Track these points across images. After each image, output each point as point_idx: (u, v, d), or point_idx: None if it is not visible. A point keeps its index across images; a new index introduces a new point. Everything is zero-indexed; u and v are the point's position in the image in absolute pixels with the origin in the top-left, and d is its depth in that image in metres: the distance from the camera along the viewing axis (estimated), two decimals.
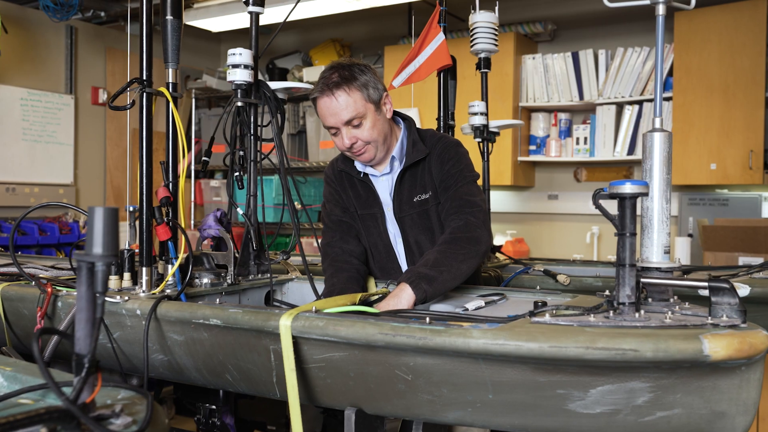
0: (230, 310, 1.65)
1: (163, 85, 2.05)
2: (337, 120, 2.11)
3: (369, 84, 2.12)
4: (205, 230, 2.21)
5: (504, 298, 1.97)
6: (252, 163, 2.34)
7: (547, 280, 2.56)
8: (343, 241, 2.31)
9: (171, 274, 1.99)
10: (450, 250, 1.97)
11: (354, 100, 2.09)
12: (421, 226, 2.23)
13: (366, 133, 2.12)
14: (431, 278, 1.88)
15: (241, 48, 2.22)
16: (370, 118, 2.13)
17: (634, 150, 4.77)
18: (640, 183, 1.42)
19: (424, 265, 1.93)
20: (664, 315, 1.46)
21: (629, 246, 1.43)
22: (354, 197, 2.32)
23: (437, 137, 2.26)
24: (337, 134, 2.15)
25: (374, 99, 2.13)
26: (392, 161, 2.25)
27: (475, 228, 2.04)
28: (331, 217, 2.36)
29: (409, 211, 2.23)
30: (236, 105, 2.26)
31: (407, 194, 2.23)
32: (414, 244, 2.25)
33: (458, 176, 2.16)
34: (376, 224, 2.29)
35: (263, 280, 2.29)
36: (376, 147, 2.17)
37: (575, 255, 5.09)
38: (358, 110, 2.10)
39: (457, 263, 1.94)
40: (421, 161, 2.22)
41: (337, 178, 2.36)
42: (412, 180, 2.23)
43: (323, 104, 2.12)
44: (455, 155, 2.19)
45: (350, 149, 2.16)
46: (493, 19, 3.14)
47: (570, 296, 1.95)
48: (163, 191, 2.01)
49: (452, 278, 1.93)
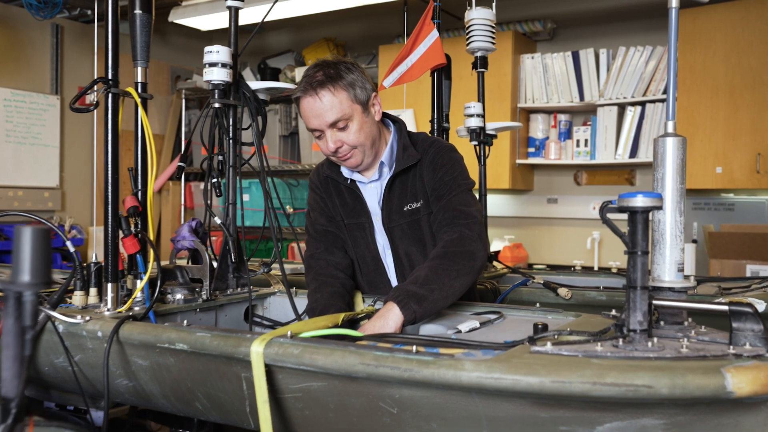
0: (197, 334, 1.50)
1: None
2: (321, 122, 1.95)
3: (356, 83, 1.96)
4: (179, 241, 2.05)
5: (501, 317, 1.81)
6: (231, 168, 2.18)
7: (547, 294, 2.41)
8: (328, 253, 2.15)
9: (139, 290, 1.83)
10: (442, 265, 1.81)
11: (339, 100, 1.93)
12: (412, 237, 2.07)
13: (352, 136, 1.97)
14: (421, 297, 1.72)
15: (218, 45, 2.06)
16: (357, 120, 1.97)
17: (636, 153, 4.61)
18: (653, 195, 1.26)
19: (414, 283, 1.77)
20: (679, 343, 1.31)
21: (641, 266, 1.27)
22: (340, 205, 2.16)
23: (429, 142, 2.10)
24: (321, 137, 1.99)
25: (361, 99, 1.97)
26: (381, 167, 2.09)
27: (470, 241, 1.88)
28: (315, 227, 2.20)
29: (399, 220, 2.07)
30: (213, 106, 2.10)
31: (397, 203, 2.07)
32: (404, 257, 2.09)
33: (452, 184, 2.00)
34: (364, 235, 2.14)
35: (242, 294, 2.14)
36: (364, 151, 2.01)
37: (575, 261, 4.92)
38: (343, 111, 1.93)
39: (449, 280, 1.78)
40: (412, 167, 2.07)
41: (322, 184, 2.20)
42: (402, 187, 2.08)
43: (306, 105, 1.96)
44: (449, 161, 2.04)
45: (335, 153, 2.00)
46: (489, 15, 2.98)
47: (573, 315, 1.79)
48: (130, 200, 1.85)
49: (444, 297, 1.77)
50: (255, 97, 2.16)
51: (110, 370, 1.66)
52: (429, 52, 2.67)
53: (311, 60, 5.79)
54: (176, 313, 1.92)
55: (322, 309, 1.96)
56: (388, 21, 5.68)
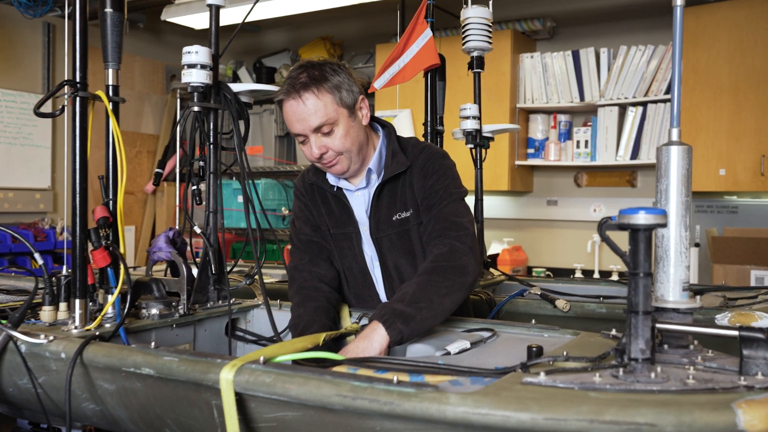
0: (165, 358, 1.39)
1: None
2: (305, 126, 1.84)
3: (342, 86, 1.85)
4: (155, 253, 1.94)
5: (494, 335, 1.70)
6: (211, 175, 2.07)
7: (545, 306, 2.30)
8: (313, 264, 2.04)
9: (108, 306, 1.72)
10: (431, 281, 1.70)
11: (324, 104, 1.82)
12: (401, 248, 1.96)
13: (338, 142, 1.85)
14: (408, 316, 1.62)
15: (197, 45, 1.95)
16: (343, 125, 1.85)
17: (637, 154, 4.50)
18: (657, 212, 1.15)
19: (401, 301, 1.66)
20: (685, 372, 1.20)
21: (643, 289, 1.16)
22: (326, 214, 2.05)
23: (420, 147, 1.99)
24: (305, 142, 1.88)
25: (348, 103, 1.86)
26: (369, 174, 1.98)
27: (461, 255, 1.77)
28: (299, 236, 2.09)
29: (388, 231, 1.96)
30: (193, 110, 1.99)
31: (385, 212, 1.96)
32: (393, 269, 1.99)
33: (443, 193, 1.89)
34: (351, 245, 2.03)
35: (223, 307, 2.03)
36: (350, 158, 1.90)
37: (576, 264, 4.80)
38: (328, 116, 1.82)
39: (439, 298, 1.67)
40: (402, 175, 1.95)
41: (307, 191, 2.09)
42: (391, 196, 1.97)
43: (289, 108, 1.84)
44: (440, 168, 1.93)
45: (320, 160, 1.89)
46: (486, 14, 2.88)
47: (570, 333, 1.68)
48: (101, 210, 1.74)
49: (433, 316, 1.66)
50: (237, 100, 2.05)
51: (76, 394, 1.55)
52: (422, 52, 2.57)
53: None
54: (151, 329, 1.82)
55: (305, 325, 1.86)
56: (385, 20, 5.56)
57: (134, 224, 5.97)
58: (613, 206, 4.83)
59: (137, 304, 1.87)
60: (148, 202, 6.07)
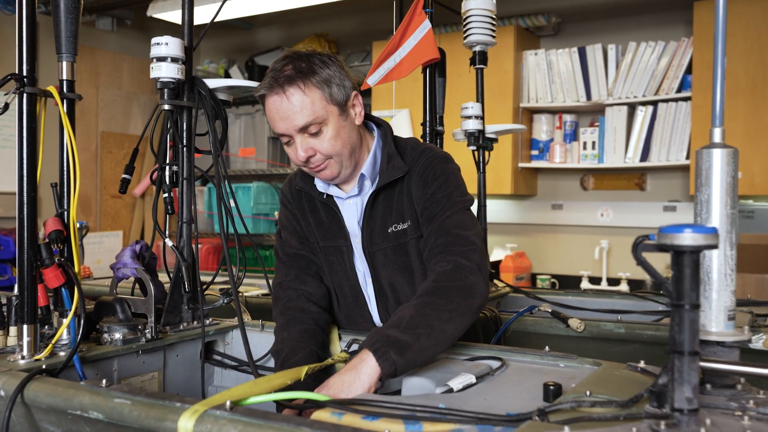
0: (116, 400, 1.17)
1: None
2: (289, 126, 1.61)
3: (332, 80, 1.62)
4: (119, 269, 1.72)
5: (503, 365, 1.49)
6: (185, 181, 1.85)
7: (557, 325, 2.08)
8: (299, 281, 1.82)
9: (61, 332, 1.51)
10: (432, 304, 1.48)
11: (311, 100, 1.59)
12: (397, 264, 1.74)
13: (326, 143, 1.63)
14: (403, 345, 1.40)
15: (167, 36, 1.74)
16: (333, 125, 1.63)
17: (647, 156, 4.29)
18: (706, 230, 0.94)
19: (396, 326, 1.44)
20: (738, 423, 0.99)
21: (690, 324, 0.95)
22: (315, 224, 1.83)
23: (419, 150, 1.76)
24: (290, 143, 1.65)
25: (338, 100, 1.63)
26: (362, 180, 1.75)
27: (467, 274, 1.55)
28: (285, 250, 1.87)
29: (382, 244, 1.74)
30: (163, 108, 1.78)
31: (380, 223, 1.74)
32: (387, 287, 1.77)
33: (445, 202, 1.66)
34: (342, 260, 1.81)
35: (198, 329, 1.82)
36: (341, 162, 1.67)
37: (582, 271, 4.62)
38: (316, 114, 1.59)
39: (440, 323, 1.45)
40: (399, 181, 1.73)
41: (294, 198, 1.87)
42: (386, 205, 1.74)
43: (271, 105, 1.61)
44: (442, 174, 1.70)
45: (306, 164, 1.67)
46: (489, 5, 2.66)
47: (589, 363, 1.47)
48: (53, 223, 1.53)
49: (433, 344, 1.44)
50: (213, 98, 1.84)
51: None
52: (420, 45, 2.35)
53: None
54: (113, 357, 1.60)
55: (289, 352, 1.64)
56: (382, 16, 5.36)
57: (122, 229, 5.75)
58: (622, 210, 4.62)
59: (99, 327, 1.66)
60: (136, 205, 5.86)
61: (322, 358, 1.65)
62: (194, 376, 1.82)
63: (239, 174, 5.54)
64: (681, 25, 4.41)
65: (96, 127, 5.68)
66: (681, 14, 4.38)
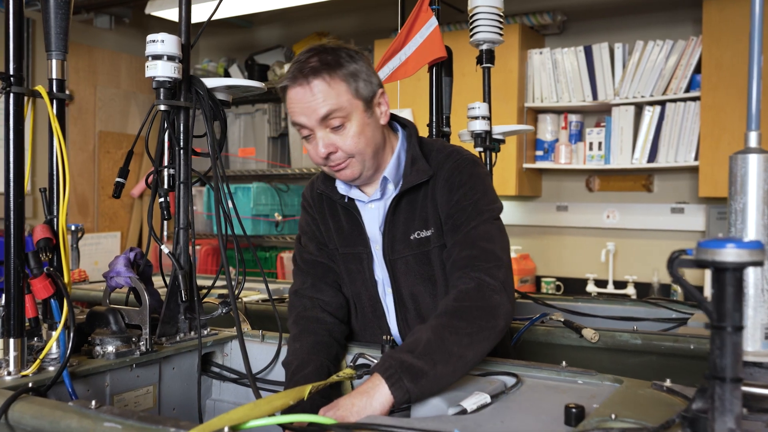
0: (105, 425, 1.09)
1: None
2: (311, 117, 1.52)
3: (359, 75, 1.55)
4: (112, 278, 1.64)
5: (518, 382, 1.40)
6: (182, 185, 1.77)
7: (569, 335, 2.00)
8: (315, 290, 1.73)
9: (51, 345, 1.43)
10: (452, 327, 1.38)
11: (336, 92, 1.51)
12: (419, 274, 1.64)
13: (349, 140, 1.54)
14: (418, 372, 1.30)
15: (164, 33, 1.65)
16: (357, 121, 1.54)
17: (655, 157, 4.20)
18: (752, 245, 0.85)
19: (411, 351, 1.34)
20: None
21: (732, 348, 0.87)
22: (335, 230, 1.74)
23: (446, 153, 1.66)
24: (311, 138, 1.56)
25: (364, 95, 1.55)
26: (384, 183, 1.66)
27: (492, 293, 1.44)
28: (303, 256, 1.78)
29: (404, 251, 1.64)
30: (159, 109, 1.69)
31: (402, 229, 1.64)
32: (408, 297, 1.67)
33: (471, 210, 1.56)
34: (361, 268, 1.71)
35: (195, 340, 1.73)
36: (363, 162, 1.58)
37: (588, 274, 4.53)
38: (340, 105, 1.52)
39: (459, 349, 1.35)
40: (423, 185, 1.63)
41: (315, 202, 1.77)
42: (409, 210, 1.64)
43: (294, 95, 1.53)
44: (469, 179, 1.59)
45: (327, 161, 1.57)
46: (497, 3, 2.58)
47: (609, 379, 1.39)
48: (42, 230, 1.44)
49: (450, 372, 1.34)
50: (211, 98, 1.75)
51: None
52: (426, 43, 2.27)
53: None
54: (105, 371, 1.52)
55: (299, 365, 1.55)
56: (384, 14, 5.28)
57: (120, 230, 5.67)
58: (628, 212, 4.53)
59: (90, 339, 1.58)
60: (134, 206, 5.77)
61: (333, 372, 1.57)
62: (191, 390, 1.74)
63: (239, 174, 5.46)
64: (689, 23, 4.32)
65: (93, 126, 5.60)
66: (689, 12, 4.30)
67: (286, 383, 1.56)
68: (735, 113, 3.88)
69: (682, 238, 4.38)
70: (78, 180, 5.49)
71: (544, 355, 2.01)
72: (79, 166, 5.50)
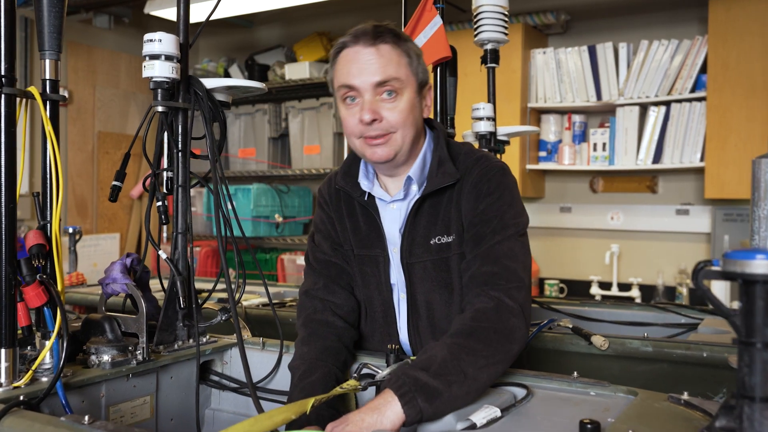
0: None
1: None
2: (367, 80, 1.48)
3: (420, 58, 1.56)
4: (108, 285, 1.59)
5: (529, 394, 1.35)
6: (180, 189, 1.72)
7: (578, 342, 1.95)
8: (328, 291, 1.66)
9: (44, 355, 1.38)
10: (468, 348, 1.32)
11: (399, 62, 1.50)
12: (436, 280, 1.57)
13: (397, 113, 1.49)
14: (433, 392, 1.24)
15: (161, 32, 1.61)
16: (408, 97, 1.51)
17: (660, 158, 4.15)
18: None
19: (426, 368, 1.28)
20: None
21: (762, 365, 0.82)
22: (351, 230, 1.67)
23: (475, 157, 1.59)
24: (356, 102, 1.51)
25: (420, 78, 1.55)
26: (408, 183, 1.59)
27: (509, 315, 1.38)
28: (316, 255, 1.71)
29: (422, 256, 1.57)
30: (156, 110, 1.65)
31: (422, 233, 1.58)
32: (422, 305, 1.60)
33: (497, 223, 1.49)
34: (376, 271, 1.64)
35: (194, 348, 1.68)
36: (402, 140, 1.52)
37: (592, 276, 4.48)
38: (400, 76, 1.49)
39: (475, 370, 1.29)
40: (448, 189, 1.57)
41: (332, 199, 1.71)
42: (431, 214, 1.58)
43: (352, 54, 1.50)
44: (497, 189, 1.52)
45: (365, 131, 1.50)
46: (502, 1, 2.53)
47: (623, 391, 1.34)
48: (34, 236, 1.39)
49: (464, 394, 1.28)
50: (210, 99, 1.70)
51: None
52: (431, 43, 2.22)
53: (303, 56, 5.32)
54: (100, 382, 1.47)
55: (306, 370, 1.49)
56: (386, 13, 5.20)
57: (119, 231, 5.62)
58: (633, 214, 4.48)
59: (86, 348, 1.53)
60: (134, 207, 5.72)
61: (341, 379, 1.51)
62: (190, 399, 1.69)
63: (239, 175, 5.41)
64: (695, 22, 4.27)
65: (93, 127, 5.54)
66: (695, 11, 4.25)
67: (291, 388, 1.50)
68: (742, 114, 3.83)
69: (687, 240, 4.33)
70: (77, 181, 5.44)
71: (551, 363, 1.96)
72: (77, 166, 5.45)
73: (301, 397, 1.41)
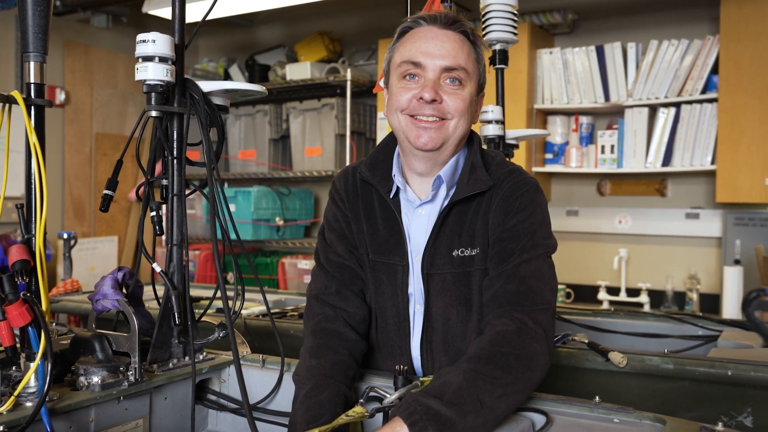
0: None
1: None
2: (438, 61, 1.44)
3: (483, 62, 1.54)
4: (98, 301, 1.50)
5: (549, 421, 1.26)
6: (175, 197, 1.63)
7: (594, 358, 1.85)
8: (340, 298, 1.55)
9: (29, 378, 1.29)
10: (485, 374, 1.23)
11: (470, 56, 1.48)
12: (455, 295, 1.48)
13: (458, 101, 1.44)
14: (447, 422, 1.15)
15: (155, 33, 1.51)
16: (469, 92, 1.47)
17: (670, 160, 4.06)
18: None
19: (439, 396, 1.19)
20: None
21: None
22: (368, 233, 1.56)
23: (508, 169, 1.50)
24: (416, 78, 1.46)
25: (481, 79, 1.53)
26: (437, 184, 1.50)
27: (531, 341, 1.29)
28: (329, 256, 1.59)
29: (443, 267, 1.47)
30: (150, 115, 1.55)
31: (446, 243, 1.48)
32: (439, 320, 1.50)
33: (526, 241, 1.40)
34: (393, 280, 1.53)
35: (189, 367, 1.59)
36: (454, 130, 1.45)
37: (599, 281, 4.39)
38: (468, 68, 1.47)
39: (492, 400, 1.20)
40: (477, 198, 1.48)
41: (350, 196, 1.59)
42: (457, 223, 1.48)
43: (428, 33, 1.46)
44: (529, 205, 1.44)
45: (422, 108, 1.44)
46: (511, 0, 2.44)
47: (650, 419, 1.24)
48: (17, 252, 1.30)
49: (480, 425, 1.19)
50: (207, 103, 1.61)
51: None
52: None
53: (304, 56, 5.23)
54: (89, 406, 1.38)
55: (314, 386, 1.39)
56: (389, 12, 5.13)
57: (117, 234, 5.53)
58: (641, 218, 4.39)
59: (74, 369, 1.44)
60: (132, 210, 5.63)
61: (349, 398, 1.42)
62: (185, 421, 1.59)
63: (239, 177, 5.32)
64: (706, 22, 4.18)
65: (90, 128, 5.45)
66: (706, 11, 4.15)
67: (296, 404, 1.39)
68: (755, 115, 3.74)
69: (697, 244, 4.24)
70: (74, 183, 5.35)
71: (567, 380, 1.87)
72: (75, 168, 5.36)
73: (307, 416, 1.33)
